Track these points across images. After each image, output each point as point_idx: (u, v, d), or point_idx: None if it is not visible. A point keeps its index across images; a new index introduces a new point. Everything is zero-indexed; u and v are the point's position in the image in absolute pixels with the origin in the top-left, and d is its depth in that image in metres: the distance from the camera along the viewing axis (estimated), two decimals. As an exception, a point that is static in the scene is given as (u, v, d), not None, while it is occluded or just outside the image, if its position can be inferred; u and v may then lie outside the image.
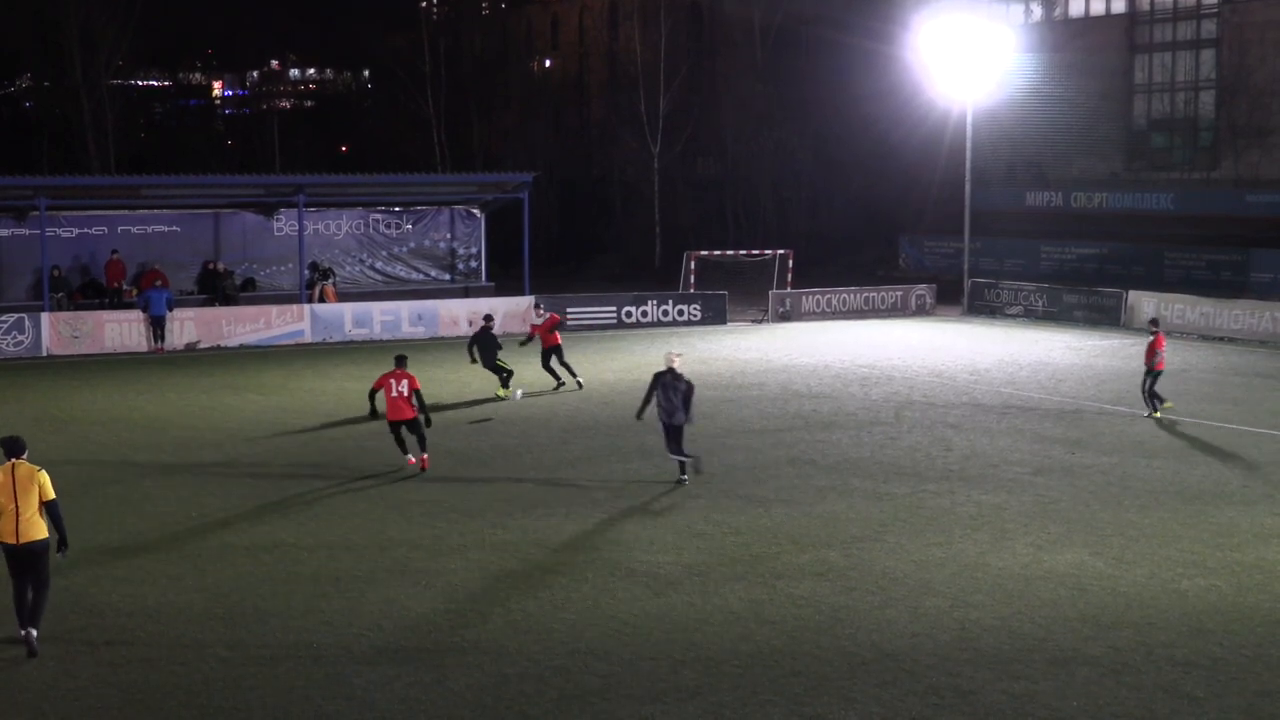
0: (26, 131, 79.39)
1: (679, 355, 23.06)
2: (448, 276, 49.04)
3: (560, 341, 31.67)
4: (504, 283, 48.83)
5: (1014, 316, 47.38)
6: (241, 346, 41.63)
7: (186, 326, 41.57)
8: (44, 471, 14.21)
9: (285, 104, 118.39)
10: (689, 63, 75.10)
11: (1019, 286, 49.36)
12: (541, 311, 33.31)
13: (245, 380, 34.86)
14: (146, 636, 14.64)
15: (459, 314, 43.92)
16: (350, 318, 43.36)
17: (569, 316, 44.65)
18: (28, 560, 14.03)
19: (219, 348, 41.08)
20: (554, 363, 31.54)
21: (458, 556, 17.66)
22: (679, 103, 71.32)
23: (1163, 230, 54.24)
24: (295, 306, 43.68)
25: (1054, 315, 46.10)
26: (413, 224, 48.92)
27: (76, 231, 45.10)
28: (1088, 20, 63.11)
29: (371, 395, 22.91)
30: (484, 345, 30.32)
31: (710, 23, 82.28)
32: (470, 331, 33.74)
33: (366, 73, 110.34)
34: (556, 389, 31.62)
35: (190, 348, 40.80)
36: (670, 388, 21.70)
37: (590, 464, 23.48)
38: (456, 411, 28.85)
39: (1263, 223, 52.57)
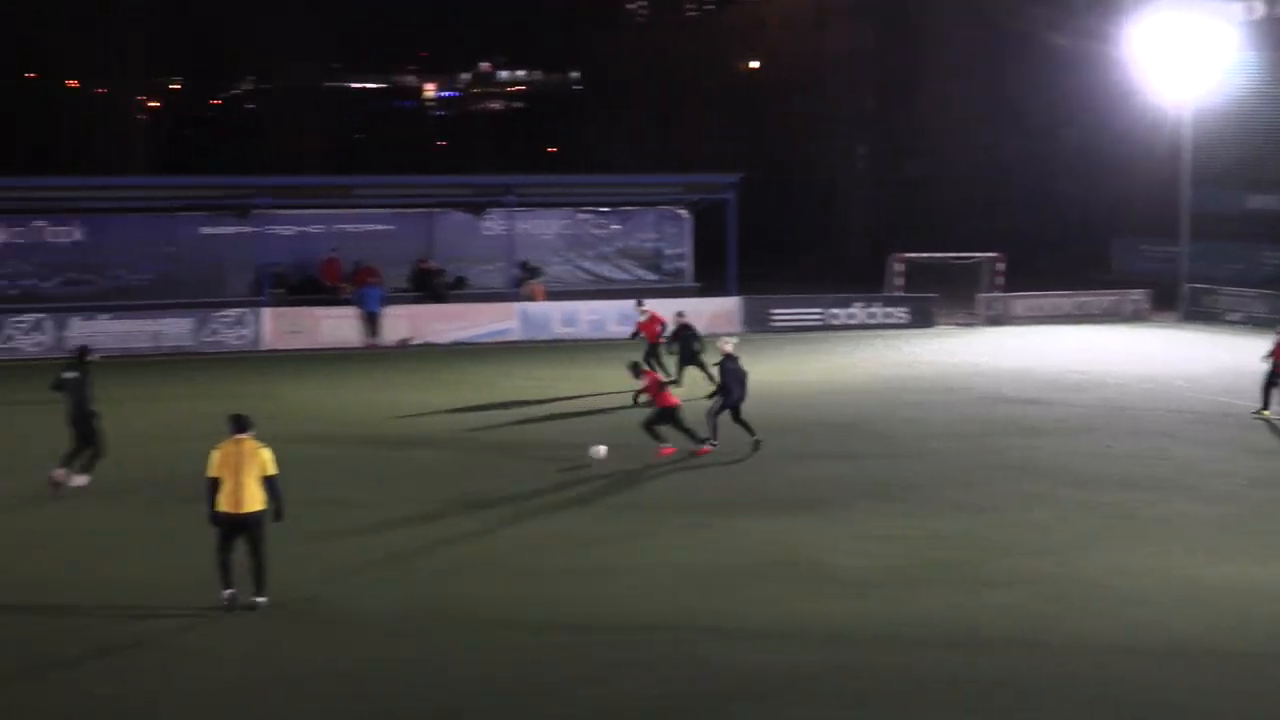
0: (248, 132, 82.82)
1: (732, 340, 25.75)
2: (654, 276, 49.94)
3: (660, 342, 33.23)
4: (710, 283, 49.46)
5: (1234, 323, 46.14)
6: (453, 343, 42.95)
7: (399, 323, 42.97)
8: (267, 449, 15.29)
9: (496, 105, 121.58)
10: (894, 61, 75.06)
11: (1239, 292, 48.09)
12: (644, 310, 34.61)
13: (454, 376, 35.95)
14: (337, 614, 15.40)
15: (665, 314, 44.83)
16: (558, 317, 44.43)
17: (773, 317, 45.24)
18: (242, 529, 15.15)
19: (430, 345, 42.48)
20: (650, 361, 32.85)
21: (653, 555, 18.02)
22: (884, 101, 71.25)
23: None
24: (505, 305, 44.84)
25: (1277, 323, 44.92)
26: (620, 224, 49.98)
27: (295, 230, 47.15)
28: (1314, 15, 61.25)
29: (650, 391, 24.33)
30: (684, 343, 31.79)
31: (916, 20, 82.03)
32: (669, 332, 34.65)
33: (575, 74, 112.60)
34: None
35: (402, 344, 42.21)
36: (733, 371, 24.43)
37: (785, 464, 23.75)
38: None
39: None
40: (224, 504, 15.16)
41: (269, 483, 15.27)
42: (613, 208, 50.50)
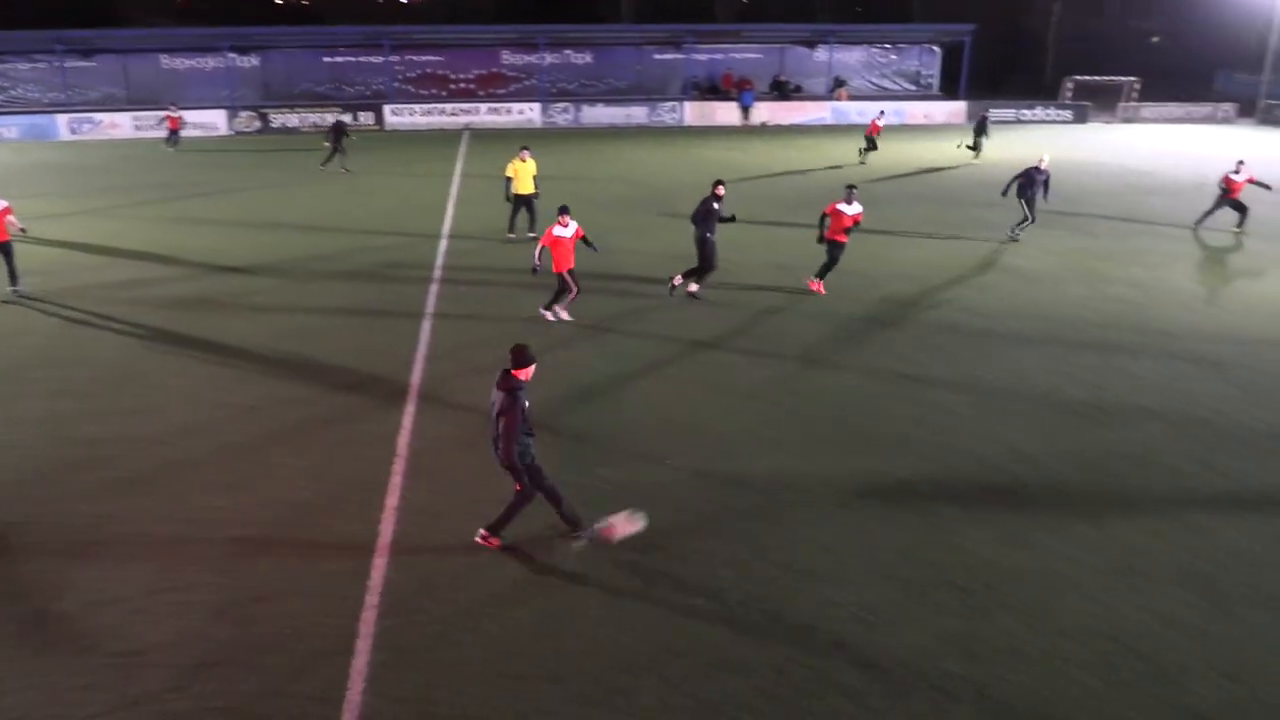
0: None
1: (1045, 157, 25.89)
2: (914, 88, 59.39)
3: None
4: (949, 93, 59.84)
5: None
6: (791, 125, 52.63)
7: (761, 112, 52.39)
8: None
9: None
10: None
11: None
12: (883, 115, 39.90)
13: (794, 142, 45.94)
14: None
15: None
16: (855, 110, 54.53)
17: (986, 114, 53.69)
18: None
19: (779, 125, 52.95)
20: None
21: None
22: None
23: None
24: (822, 103, 54.98)
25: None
26: (896, 55, 59.14)
27: (708, 57, 57.31)
28: None
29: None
30: None
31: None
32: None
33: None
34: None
35: (763, 125, 51.51)
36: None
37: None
38: None
39: None
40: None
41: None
42: (893, 45, 60.93)
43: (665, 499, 12.65)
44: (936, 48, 62.38)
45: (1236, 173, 27.59)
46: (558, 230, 18.72)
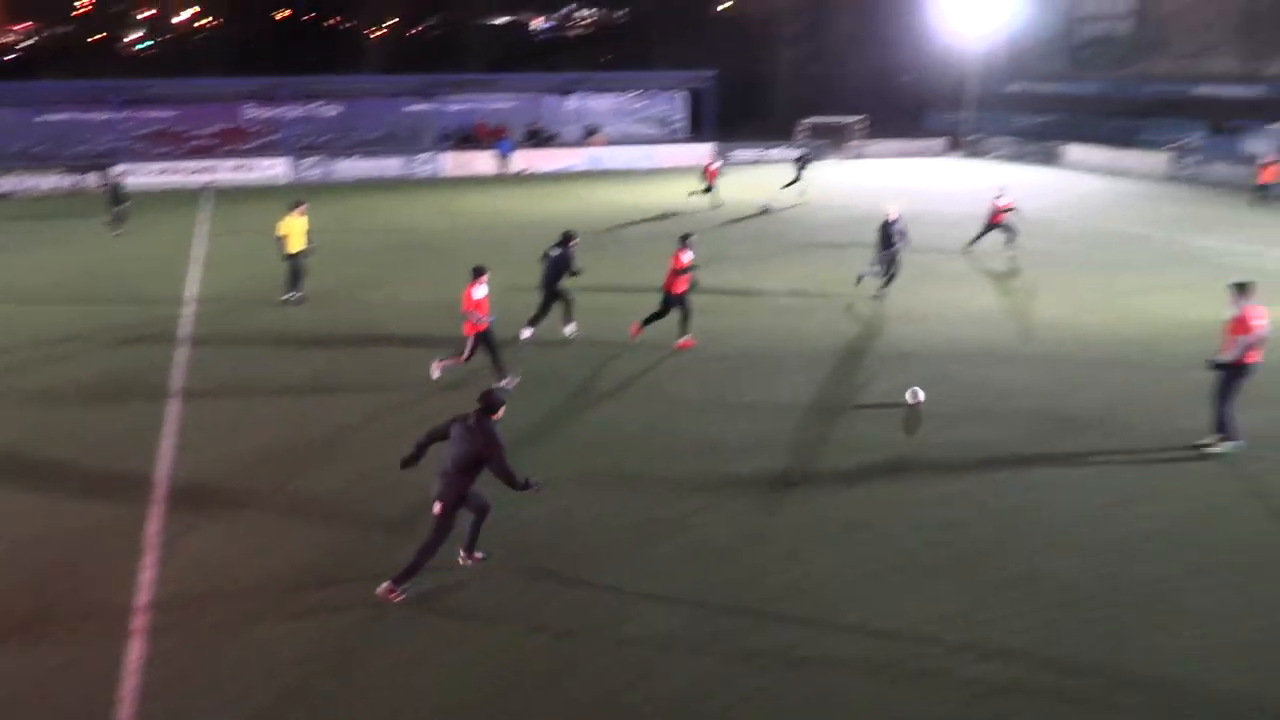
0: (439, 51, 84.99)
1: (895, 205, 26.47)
2: (663, 132, 60.78)
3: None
4: (698, 136, 62.08)
5: (992, 159, 62.16)
6: (548, 172, 52.80)
7: (519, 160, 52.01)
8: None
9: (577, 31, 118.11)
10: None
11: (998, 140, 63.54)
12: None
13: (552, 190, 47.26)
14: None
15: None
16: (608, 155, 55.09)
17: (731, 154, 57.75)
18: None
19: (535, 173, 52.27)
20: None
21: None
22: (807, 24, 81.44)
23: (1094, 107, 65.29)
24: (579, 149, 55.88)
25: (1019, 157, 61.74)
26: (646, 101, 59.36)
27: (464, 106, 57.41)
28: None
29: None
30: None
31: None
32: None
33: (621, 11, 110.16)
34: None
35: (519, 174, 51.14)
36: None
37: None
38: None
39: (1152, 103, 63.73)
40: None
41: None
42: (642, 91, 62.76)
43: (450, 547, 12.74)
44: (682, 94, 64.29)
45: (999, 198, 31.24)
46: (479, 291, 17.80)
